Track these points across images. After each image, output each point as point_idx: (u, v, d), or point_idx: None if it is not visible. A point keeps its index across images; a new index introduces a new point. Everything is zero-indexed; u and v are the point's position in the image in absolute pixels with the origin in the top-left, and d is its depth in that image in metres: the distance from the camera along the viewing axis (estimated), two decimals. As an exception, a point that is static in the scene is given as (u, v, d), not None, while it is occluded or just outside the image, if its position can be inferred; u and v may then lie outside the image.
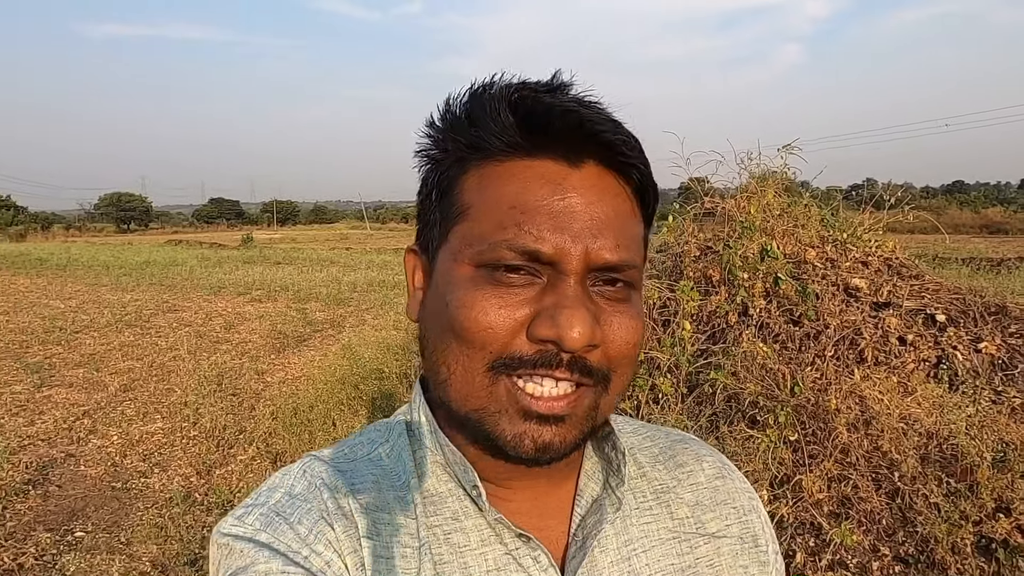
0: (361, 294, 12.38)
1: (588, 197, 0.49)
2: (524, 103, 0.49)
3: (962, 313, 3.46)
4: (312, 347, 8.07)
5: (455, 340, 0.49)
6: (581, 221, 0.48)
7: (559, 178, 0.49)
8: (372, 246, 31.23)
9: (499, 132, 0.49)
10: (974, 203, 41.61)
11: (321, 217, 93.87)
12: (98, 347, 8.05)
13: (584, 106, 0.50)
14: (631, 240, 0.51)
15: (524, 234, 0.48)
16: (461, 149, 0.52)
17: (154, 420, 5.45)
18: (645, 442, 0.64)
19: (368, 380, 5.19)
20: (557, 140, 0.49)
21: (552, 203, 0.48)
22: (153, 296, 12.30)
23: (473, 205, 0.50)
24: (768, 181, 4.08)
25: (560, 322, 0.46)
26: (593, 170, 0.50)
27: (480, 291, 0.48)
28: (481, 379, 0.49)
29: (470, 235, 0.50)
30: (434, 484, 0.54)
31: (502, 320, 0.48)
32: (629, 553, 0.55)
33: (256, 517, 0.50)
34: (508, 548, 0.52)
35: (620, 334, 0.50)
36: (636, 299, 0.52)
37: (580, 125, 0.48)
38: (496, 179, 0.50)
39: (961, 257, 11.30)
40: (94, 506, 3.95)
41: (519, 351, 0.48)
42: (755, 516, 0.62)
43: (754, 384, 2.99)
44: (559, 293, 0.48)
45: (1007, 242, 21.85)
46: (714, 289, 3.68)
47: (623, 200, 0.51)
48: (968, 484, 2.59)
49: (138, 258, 20.94)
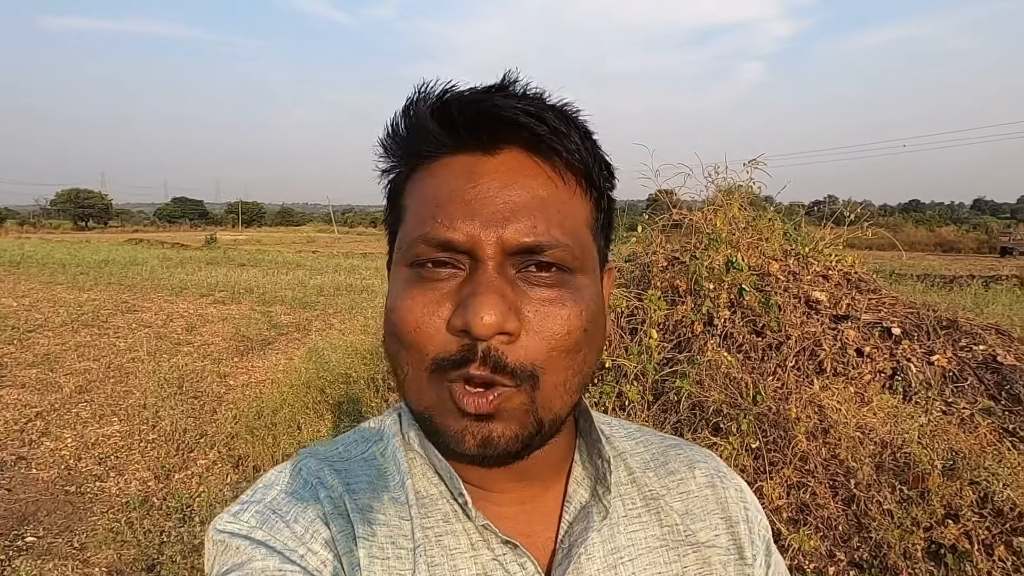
0: (328, 298, 12.24)
1: (501, 181, 0.48)
2: (441, 104, 0.50)
3: (916, 327, 3.59)
4: (277, 350, 7.95)
5: (397, 343, 0.50)
6: (493, 206, 0.48)
7: (472, 167, 0.49)
8: (340, 250, 30.89)
9: (423, 136, 0.51)
10: (929, 222, 43.11)
11: (287, 219, 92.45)
12: (53, 347, 7.80)
13: (497, 95, 0.49)
14: (556, 221, 0.49)
15: (438, 226, 0.48)
16: (401, 159, 0.54)
17: (111, 422, 5.30)
18: (638, 447, 0.63)
19: (335, 384, 5.14)
20: (469, 132, 0.49)
21: (464, 191, 0.48)
22: (111, 296, 11.95)
23: (407, 208, 0.52)
24: (734, 195, 4.18)
25: (468, 308, 0.46)
26: (510, 155, 0.50)
27: (408, 290, 0.49)
28: (427, 379, 0.49)
29: (402, 237, 0.51)
30: (426, 486, 0.54)
31: (427, 317, 0.48)
32: (616, 561, 0.55)
33: (252, 514, 0.50)
34: (495, 554, 0.52)
35: (547, 324, 0.48)
36: (577, 284, 0.50)
37: (486, 112, 0.48)
38: (422, 180, 0.51)
39: (916, 273, 11.66)
40: (46, 510, 3.83)
41: (447, 351, 0.47)
42: (744, 526, 0.60)
43: (718, 392, 3.06)
44: (474, 281, 0.47)
45: (959, 260, 22.65)
46: (680, 299, 3.75)
47: (544, 181, 0.50)
48: (920, 491, 2.68)
49: (96, 256, 20.34)
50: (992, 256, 28.93)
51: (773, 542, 0.63)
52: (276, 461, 4.27)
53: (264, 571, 0.46)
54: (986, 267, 19.28)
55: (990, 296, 8.83)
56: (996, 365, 3.35)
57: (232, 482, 4.16)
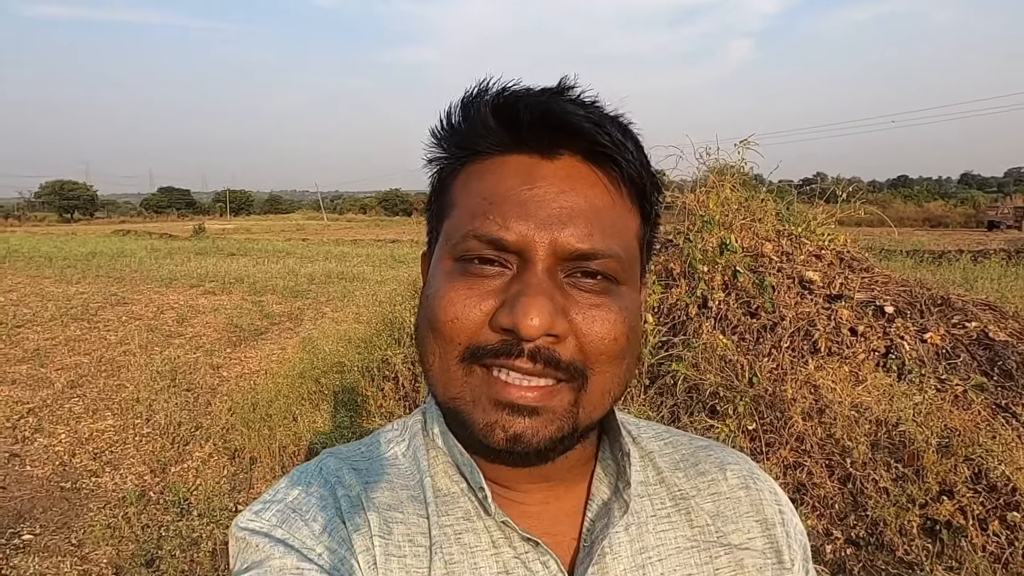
0: (319, 286, 12.18)
1: (559, 187, 0.49)
2: (503, 102, 0.50)
3: (909, 305, 3.61)
4: (270, 340, 7.91)
5: (430, 332, 0.50)
6: (548, 209, 0.48)
7: (530, 169, 0.50)
8: (329, 237, 30.71)
9: (482, 132, 0.51)
10: (917, 197, 43.36)
11: (276, 207, 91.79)
12: (42, 342, 7.72)
13: (559, 100, 0.50)
14: (610, 231, 0.50)
15: (489, 223, 0.48)
16: (454, 151, 0.54)
17: (104, 417, 5.27)
18: (666, 448, 0.62)
19: (329, 374, 5.13)
20: (531, 134, 0.49)
21: (520, 192, 0.49)
22: (100, 288, 11.84)
23: (457, 202, 0.52)
24: (726, 176, 4.17)
25: (517, 310, 0.46)
26: (568, 161, 0.50)
27: (452, 283, 0.49)
28: (456, 368, 0.49)
29: (449, 230, 0.51)
30: (447, 484, 0.54)
31: (468, 311, 0.48)
32: (644, 561, 0.54)
33: (273, 513, 0.51)
34: (516, 552, 0.52)
35: (595, 328, 0.48)
36: (623, 294, 0.51)
37: (543, 117, 0.49)
38: (477, 175, 0.51)
39: (905, 250, 11.73)
40: (42, 507, 3.81)
41: (485, 341, 0.48)
42: (780, 529, 0.59)
43: (714, 375, 3.07)
44: (523, 282, 0.47)
45: (948, 234, 22.82)
46: (675, 282, 3.75)
47: (601, 191, 0.50)
48: (915, 469, 2.71)
49: (83, 249, 20.13)
50: (980, 230, 29.16)
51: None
52: (273, 453, 4.26)
53: (283, 569, 0.46)
54: (974, 241, 19.43)
55: (979, 270, 8.90)
56: (988, 341, 3.37)
57: (229, 474, 4.14)
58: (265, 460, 4.25)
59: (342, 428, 4.50)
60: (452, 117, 0.53)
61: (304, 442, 4.34)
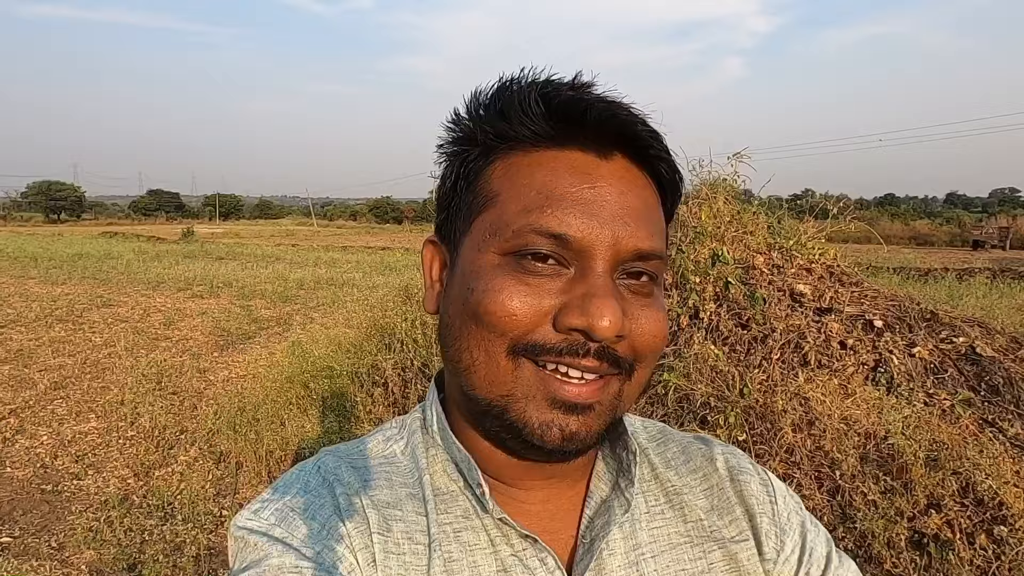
0: (308, 292, 12.11)
1: (618, 187, 0.50)
2: (555, 95, 0.50)
3: (898, 319, 3.64)
4: (258, 345, 7.85)
5: (476, 325, 0.49)
6: (611, 209, 0.48)
7: (589, 168, 0.49)
8: (319, 243, 30.60)
9: (529, 122, 0.50)
10: (904, 216, 43.85)
11: (266, 212, 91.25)
12: (26, 343, 7.62)
13: (619, 104, 0.51)
14: (659, 232, 0.51)
15: (550, 217, 0.47)
16: (489, 139, 0.52)
17: (88, 419, 5.20)
18: (659, 445, 0.63)
19: (318, 379, 5.09)
20: (587, 132, 0.50)
21: (582, 191, 0.48)
22: (86, 290, 11.72)
23: (500, 193, 0.51)
24: (718, 188, 4.20)
25: (591, 311, 0.46)
26: (622, 163, 0.51)
27: (505, 278, 0.48)
28: (505, 363, 0.48)
29: (496, 222, 0.50)
30: (445, 482, 0.54)
31: (527, 308, 0.47)
32: (637, 557, 0.54)
33: (271, 512, 0.51)
34: (514, 549, 0.52)
35: (647, 326, 0.50)
36: (659, 294, 0.53)
37: (612, 118, 0.49)
38: (524, 168, 0.50)
39: (892, 266, 11.85)
40: (22, 510, 3.74)
41: (543, 339, 0.47)
42: (764, 519, 0.59)
43: (705, 386, 3.07)
44: (589, 283, 0.48)
45: (933, 252, 23.07)
46: (667, 293, 3.76)
47: (651, 193, 0.52)
48: (903, 482, 2.72)
49: (70, 250, 19.92)
50: (965, 249, 29.53)
51: (833, 543, 0.61)
52: (259, 457, 4.22)
53: (281, 568, 0.46)
54: (959, 260, 19.67)
55: (964, 288, 9.00)
56: (975, 357, 3.40)
57: (214, 479, 4.10)
58: (251, 465, 4.20)
59: (330, 433, 4.46)
60: (492, 104, 0.52)
61: (291, 447, 4.30)
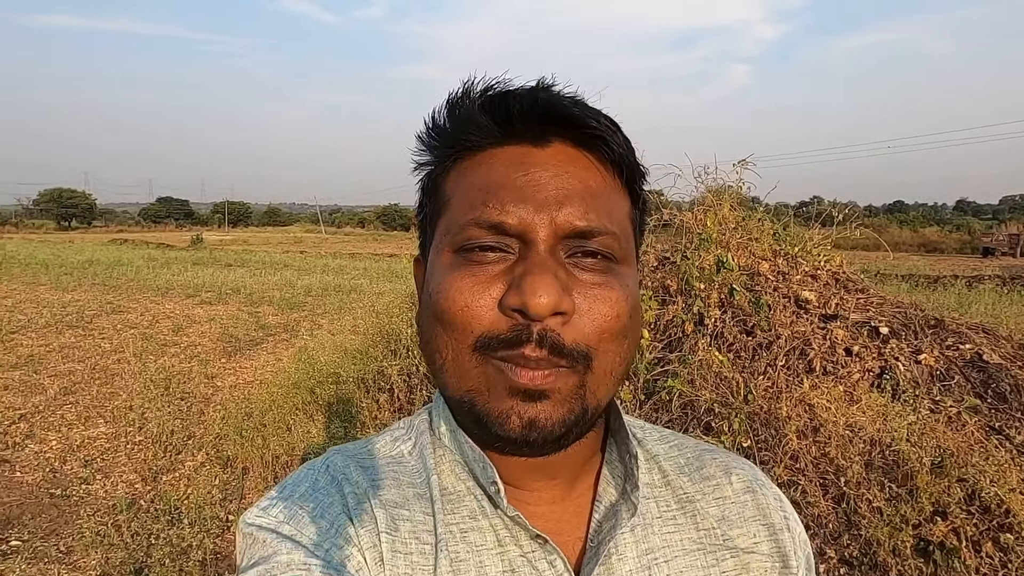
0: (316, 298, 12.17)
1: (553, 171, 0.50)
2: (491, 97, 0.52)
3: (903, 326, 3.62)
4: (265, 351, 7.89)
5: (440, 326, 0.50)
6: (545, 191, 0.49)
7: (524, 158, 0.51)
8: (327, 250, 30.72)
9: (472, 127, 0.52)
10: (913, 223, 43.64)
11: (274, 219, 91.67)
12: (36, 348, 7.69)
13: (546, 91, 0.52)
14: (605, 210, 0.51)
15: (489, 209, 0.49)
16: (444, 150, 0.55)
17: (97, 425, 5.24)
18: (672, 451, 0.63)
19: (324, 384, 5.11)
20: (521, 123, 0.51)
21: (516, 179, 0.50)
22: (96, 296, 11.82)
23: (452, 197, 0.53)
24: (724, 195, 4.21)
25: (524, 288, 0.46)
26: (560, 148, 0.52)
27: (456, 273, 0.50)
28: (470, 360, 0.49)
29: (448, 224, 0.52)
30: (453, 482, 0.55)
31: (476, 297, 0.48)
32: (650, 562, 0.54)
33: (280, 509, 0.51)
34: (523, 550, 0.52)
35: (598, 306, 0.49)
36: (621, 272, 0.51)
37: (535, 104, 0.50)
38: (471, 170, 0.52)
39: (901, 273, 11.80)
40: (31, 514, 3.78)
41: (496, 330, 0.48)
42: (787, 535, 0.58)
43: (709, 392, 3.07)
44: (527, 262, 0.48)
45: (943, 260, 22.94)
46: (671, 299, 3.76)
47: (594, 173, 0.52)
48: (908, 489, 2.71)
49: (80, 257, 20.11)
50: (975, 256, 29.34)
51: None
52: (266, 462, 4.24)
53: (289, 564, 0.46)
54: (969, 267, 19.55)
55: (973, 296, 8.94)
56: (982, 364, 3.39)
57: (221, 483, 4.12)
58: (257, 469, 4.22)
59: (336, 439, 4.48)
60: (439, 118, 0.54)
61: (298, 452, 4.32)
